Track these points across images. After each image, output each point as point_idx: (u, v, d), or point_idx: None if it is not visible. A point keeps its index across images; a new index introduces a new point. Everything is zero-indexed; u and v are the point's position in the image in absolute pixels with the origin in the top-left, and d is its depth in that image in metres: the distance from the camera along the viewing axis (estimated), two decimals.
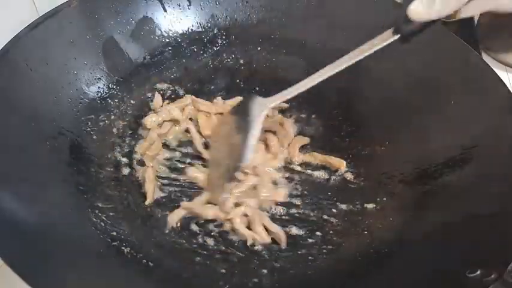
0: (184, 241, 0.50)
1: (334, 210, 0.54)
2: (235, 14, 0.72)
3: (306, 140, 0.62)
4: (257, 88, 0.69)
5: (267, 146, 0.60)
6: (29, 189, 0.45)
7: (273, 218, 0.53)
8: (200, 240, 0.51)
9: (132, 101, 0.64)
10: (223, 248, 0.50)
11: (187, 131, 0.61)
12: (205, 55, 0.71)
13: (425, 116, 0.57)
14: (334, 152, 0.61)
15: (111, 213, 0.50)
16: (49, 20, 0.57)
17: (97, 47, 0.62)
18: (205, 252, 0.49)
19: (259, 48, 0.72)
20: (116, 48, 0.64)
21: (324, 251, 0.50)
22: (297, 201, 0.56)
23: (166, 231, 0.51)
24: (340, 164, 0.58)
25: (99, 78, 0.61)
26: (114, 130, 0.60)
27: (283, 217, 0.54)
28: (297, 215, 0.54)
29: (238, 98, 0.66)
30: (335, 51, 0.67)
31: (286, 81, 0.70)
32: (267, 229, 0.51)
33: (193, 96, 0.64)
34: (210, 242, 0.50)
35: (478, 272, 0.38)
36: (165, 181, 0.56)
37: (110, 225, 0.48)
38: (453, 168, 0.51)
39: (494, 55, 0.82)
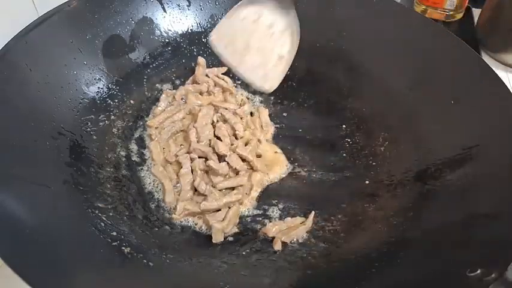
0: (184, 241, 0.50)
1: (334, 211, 0.55)
2: None
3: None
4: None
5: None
6: (29, 189, 0.45)
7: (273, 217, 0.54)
8: (200, 240, 0.51)
9: (131, 101, 0.64)
10: (224, 248, 0.50)
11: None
12: (204, 55, 0.71)
13: (425, 116, 0.57)
14: (334, 151, 0.61)
15: (111, 214, 0.50)
16: (49, 20, 0.57)
17: (97, 47, 0.62)
18: (206, 252, 0.49)
19: None
20: (115, 49, 0.64)
21: (324, 251, 0.50)
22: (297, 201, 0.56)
23: (167, 231, 0.51)
24: None
25: (99, 79, 0.61)
26: (114, 130, 0.60)
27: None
28: (298, 214, 0.54)
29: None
30: (335, 51, 0.68)
31: (286, 81, 0.70)
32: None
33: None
34: (210, 242, 0.50)
35: (479, 272, 0.38)
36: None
37: (110, 225, 0.48)
38: (453, 168, 0.51)
39: (494, 55, 0.82)
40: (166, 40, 0.69)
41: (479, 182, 0.48)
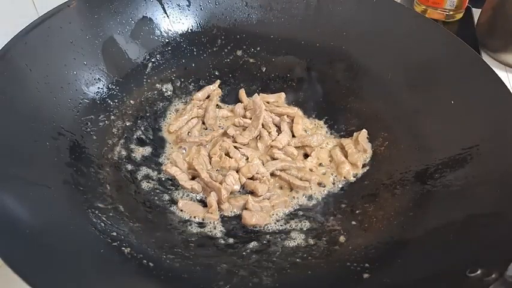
0: (184, 241, 0.50)
1: (334, 211, 0.55)
2: (235, 14, 0.72)
3: None
4: (258, 89, 0.70)
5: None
6: (29, 190, 0.45)
7: (277, 214, 0.54)
8: (200, 241, 0.51)
9: (131, 101, 0.64)
10: (224, 248, 0.50)
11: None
12: (204, 55, 0.71)
13: (425, 116, 0.57)
14: None
15: (111, 214, 0.50)
16: (49, 20, 0.57)
17: (97, 47, 0.62)
18: (206, 252, 0.49)
19: (259, 48, 0.72)
20: (115, 49, 0.64)
21: (325, 251, 0.50)
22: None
23: (167, 231, 0.51)
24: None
25: (99, 79, 0.61)
26: (114, 130, 0.60)
27: (285, 216, 0.54)
28: (298, 214, 0.54)
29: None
30: (335, 51, 0.68)
31: (286, 81, 0.70)
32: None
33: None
34: (210, 242, 0.51)
35: (479, 272, 0.38)
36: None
37: (110, 225, 0.48)
38: (453, 168, 0.51)
39: (494, 55, 0.82)
40: (166, 40, 0.69)
41: (479, 182, 0.48)
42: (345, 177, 0.58)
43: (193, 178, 0.58)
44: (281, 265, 0.48)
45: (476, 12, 0.90)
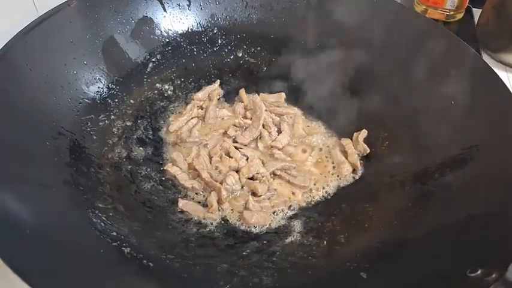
0: (184, 241, 0.50)
1: (334, 211, 0.55)
2: (235, 14, 0.72)
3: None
4: (258, 89, 0.70)
5: None
6: (29, 190, 0.44)
7: (277, 214, 0.54)
8: (200, 241, 0.51)
9: (131, 100, 0.64)
10: (224, 248, 0.50)
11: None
12: (205, 55, 0.71)
13: (425, 116, 0.57)
14: None
15: (111, 214, 0.50)
16: (49, 20, 0.57)
17: (97, 47, 0.62)
18: (206, 252, 0.49)
19: (259, 48, 0.72)
20: (115, 48, 0.64)
21: (324, 251, 0.50)
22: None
23: (167, 231, 0.51)
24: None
25: (99, 78, 0.61)
26: (114, 130, 0.60)
27: (285, 216, 0.54)
28: (298, 214, 0.54)
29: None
30: (335, 51, 0.68)
31: (286, 81, 0.70)
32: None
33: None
34: (210, 242, 0.51)
35: (479, 272, 0.38)
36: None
37: (110, 225, 0.48)
38: (453, 168, 0.51)
39: (494, 55, 0.82)
40: (167, 40, 0.69)
41: (479, 182, 0.48)
42: (345, 177, 0.58)
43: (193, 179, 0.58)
44: (281, 265, 0.48)
45: (477, 12, 0.90)
